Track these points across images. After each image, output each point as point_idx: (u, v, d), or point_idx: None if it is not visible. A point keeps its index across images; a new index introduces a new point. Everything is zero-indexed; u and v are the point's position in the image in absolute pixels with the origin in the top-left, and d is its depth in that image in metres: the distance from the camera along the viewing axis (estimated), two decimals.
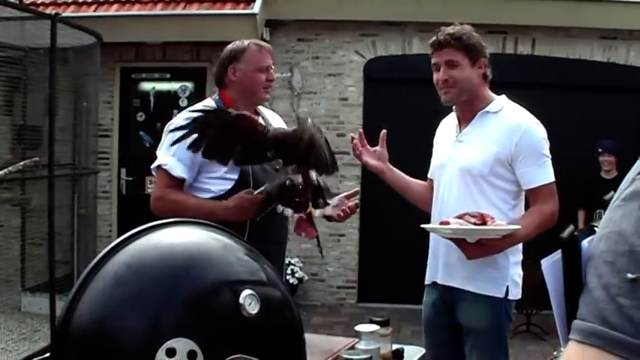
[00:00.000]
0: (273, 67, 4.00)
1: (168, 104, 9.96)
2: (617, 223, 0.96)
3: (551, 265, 1.14)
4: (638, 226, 0.93)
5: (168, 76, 10.27)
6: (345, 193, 3.95)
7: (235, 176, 3.79)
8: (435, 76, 3.82)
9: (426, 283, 3.95)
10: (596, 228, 1.04)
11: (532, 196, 3.76)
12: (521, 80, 9.04)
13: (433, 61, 3.81)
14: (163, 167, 3.82)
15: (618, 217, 0.97)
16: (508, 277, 3.77)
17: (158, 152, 3.91)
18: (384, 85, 9.65)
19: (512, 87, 3.96)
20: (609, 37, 9.54)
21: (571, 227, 1.13)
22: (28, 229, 8.75)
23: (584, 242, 1.06)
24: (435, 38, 3.79)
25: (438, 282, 3.84)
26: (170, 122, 3.98)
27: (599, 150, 8.43)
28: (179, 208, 3.65)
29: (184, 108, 9.41)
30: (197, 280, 1.58)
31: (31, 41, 8.26)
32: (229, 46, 4.03)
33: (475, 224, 3.45)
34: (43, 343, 7.08)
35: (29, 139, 8.63)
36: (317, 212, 3.44)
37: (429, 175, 4.07)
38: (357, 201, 3.89)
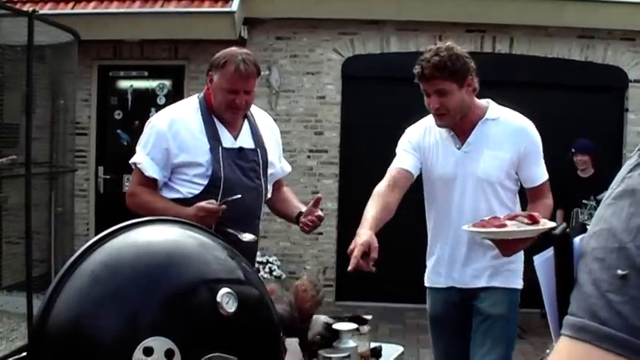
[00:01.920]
0: (250, 91, 3.86)
1: (146, 102, 9.93)
2: (608, 220, 0.98)
3: (543, 261, 1.15)
4: (628, 224, 0.94)
5: (146, 74, 10.22)
6: (310, 203, 3.97)
7: (204, 182, 3.79)
8: (427, 101, 3.86)
9: (437, 286, 4.04)
10: (588, 226, 1.06)
11: (535, 192, 3.97)
12: (499, 79, 9.06)
13: (422, 87, 3.84)
14: (138, 166, 3.84)
15: (609, 215, 0.98)
16: (521, 269, 4.00)
17: (137, 147, 3.94)
18: (362, 84, 9.66)
19: (490, 85, 4.00)
20: (587, 36, 9.58)
21: (563, 224, 1.15)
22: (5, 227, 8.70)
23: (576, 240, 1.07)
24: (419, 69, 3.79)
25: (460, 286, 3.98)
26: (151, 118, 3.98)
27: (573, 150, 8.47)
28: (148, 209, 3.70)
29: (162, 106, 9.41)
30: (174, 279, 1.57)
31: (7, 39, 8.20)
32: (220, 52, 3.92)
33: (528, 224, 3.57)
34: (20, 343, 7.04)
35: (6, 138, 8.56)
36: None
37: (404, 166, 3.94)
38: (320, 212, 3.93)
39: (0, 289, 8.58)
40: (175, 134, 3.82)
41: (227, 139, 3.86)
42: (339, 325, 3.29)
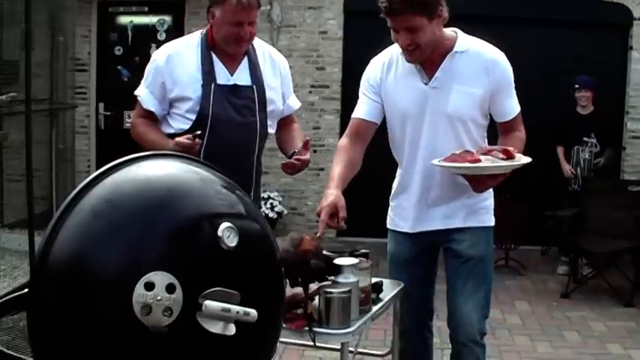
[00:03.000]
0: (253, 22, 3.82)
1: (147, 38, 9.84)
2: None
3: None
4: None
5: (146, 9, 10.11)
6: (300, 145, 3.91)
7: (194, 117, 3.80)
8: (394, 36, 3.64)
9: (404, 230, 3.92)
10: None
11: (507, 126, 3.79)
12: (502, 14, 8.98)
13: (390, 24, 3.59)
14: (138, 98, 3.93)
15: None
16: (493, 205, 3.85)
17: (142, 81, 4.00)
18: (364, 19, 9.54)
19: (492, 21, 3.90)
20: None
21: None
22: (5, 165, 8.70)
23: None
24: (386, 4, 3.51)
25: (432, 229, 3.83)
26: (156, 52, 3.98)
27: (576, 86, 8.41)
28: (141, 140, 3.87)
29: (163, 41, 9.29)
30: (175, 213, 1.56)
31: None
32: None
33: (503, 159, 3.49)
34: (22, 280, 7.06)
35: (5, 75, 8.52)
36: None
37: (362, 116, 3.89)
38: (306, 157, 3.86)
39: (2, 227, 8.60)
40: (172, 69, 3.84)
41: (222, 76, 3.86)
42: (340, 260, 3.29)
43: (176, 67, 3.84)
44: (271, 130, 4.03)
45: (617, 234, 7.60)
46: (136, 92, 3.95)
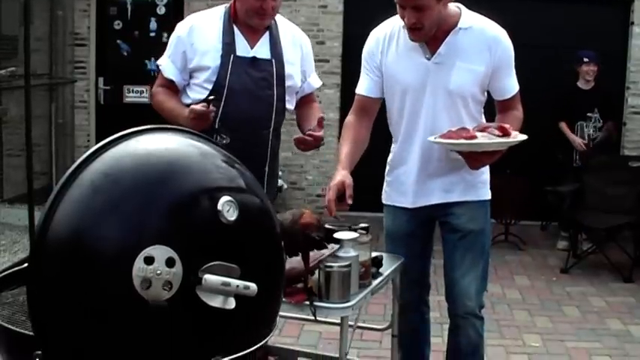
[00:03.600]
0: None
1: (146, 12, 9.79)
2: None
3: None
4: None
5: None
6: (314, 124, 3.91)
7: (210, 87, 3.82)
8: (400, 13, 3.63)
9: (402, 206, 3.94)
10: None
11: (505, 104, 3.80)
12: None
13: (397, 0, 3.59)
14: (159, 67, 3.98)
15: None
16: (489, 179, 3.86)
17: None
18: None
19: None
20: None
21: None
22: (5, 140, 8.69)
23: None
24: None
25: (430, 203, 3.84)
26: (180, 22, 4.03)
27: (585, 60, 8.36)
28: (160, 108, 3.92)
29: (162, 16, 9.29)
30: (175, 187, 1.56)
31: None
32: None
33: (499, 136, 3.50)
34: (22, 255, 7.08)
35: (5, 50, 8.50)
36: None
37: (364, 93, 3.93)
38: (319, 133, 3.85)
39: (1, 202, 8.60)
40: (193, 39, 3.88)
41: (242, 48, 3.89)
42: (340, 235, 3.30)
43: (198, 37, 3.87)
44: (290, 106, 4.04)
45: (617, 209, 7.61)
46: (158, 62, 4.00)
